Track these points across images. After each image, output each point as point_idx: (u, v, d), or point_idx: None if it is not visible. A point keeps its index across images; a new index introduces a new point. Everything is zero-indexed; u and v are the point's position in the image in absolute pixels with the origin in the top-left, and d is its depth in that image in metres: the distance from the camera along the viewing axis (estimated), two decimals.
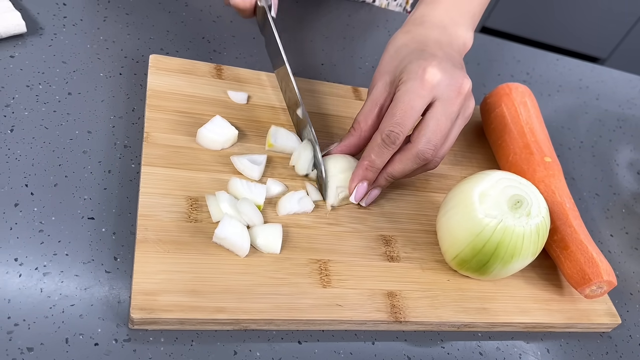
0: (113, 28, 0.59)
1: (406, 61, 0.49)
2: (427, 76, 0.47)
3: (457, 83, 0.48)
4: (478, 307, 0.48)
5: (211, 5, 0.66)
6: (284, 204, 0.48)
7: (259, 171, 0.49)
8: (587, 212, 0.64)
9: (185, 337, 0.41)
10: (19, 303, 0.39)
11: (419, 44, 0.51)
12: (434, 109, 0.48)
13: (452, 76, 0.48)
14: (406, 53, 0.50)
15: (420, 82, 0.47)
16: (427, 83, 0.47)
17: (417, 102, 0.47)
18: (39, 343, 0.38)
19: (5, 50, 0.53)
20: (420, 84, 0.47)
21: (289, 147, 0.52)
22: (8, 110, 0.49)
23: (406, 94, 0.47)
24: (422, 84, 0.47)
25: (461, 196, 0.48)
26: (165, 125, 0.50)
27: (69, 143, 0.48)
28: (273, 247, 0.45)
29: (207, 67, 0.57)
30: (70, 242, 0.43)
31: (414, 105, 0.47)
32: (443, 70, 0.48)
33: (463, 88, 0.49)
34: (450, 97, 0.48)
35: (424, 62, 0.48)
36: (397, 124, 0.47)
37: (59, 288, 0.41)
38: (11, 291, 0.39)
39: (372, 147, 0.49)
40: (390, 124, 0.47)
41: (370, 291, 0.46)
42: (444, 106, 0.48)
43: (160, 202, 0.45)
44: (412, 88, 0.47)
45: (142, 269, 0.41)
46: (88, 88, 0.53)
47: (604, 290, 0.50)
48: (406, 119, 0.47)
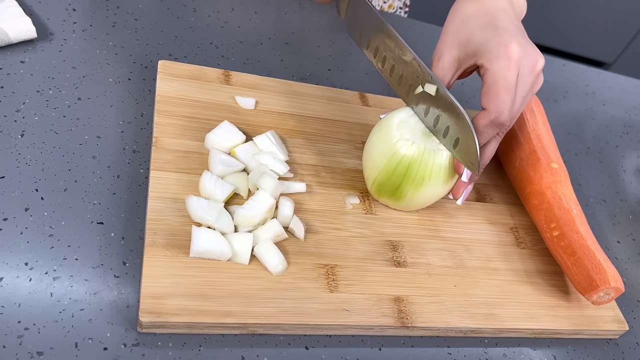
0: (122, 34, 0.59)
1: (480, 38, 0.48)
2: (510, 53, 0.47)
3: (533, 59, 0.48)
4: (485, 312, 0.49)
5: (219, 11, 0.66)
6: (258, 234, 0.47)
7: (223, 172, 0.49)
8: (593, 219, 0.64)
9: (193, 342, 0.41)
10: (29, 307, 0.39)
11: (488, 15, 0.50)
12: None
13: (527, 52, 0.48)
14: (476, 26, 0.49)
15: (507, 59, 0.47)
16: (513, 60, 0.47)
17: (511, 77, 0.47)
18: (48, 347, 0.38)
19: (16, 55, 0.53)
20: (508, 62, 0.47)
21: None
22: (19, 115, 0.49)
23: (499, 72, 0.47)
24: (509, 61, 0.47)
25: (382, 124, 0.50)
26: (174, 130, 0.51)
27: (78, 148, 0.49)
28: (244, 257, 0.44)
29: (215, 73, 0.57)
30: (80, 246, 0.43)
31: (511, 81, 0.47)
32: (520, 45, 0.47)
33: (537, 65, 0.48)
34: (525, 73, 0.48)
35: (503, 40, 0.47)
36: (504, 103, 0.46)
37: (68, 292, 0.41)
38: (21, 295, 0.40)
39: (482, 133, 0.48)
40: (498, 106, 0.46)
41: (377, 296, 0.46)
42: (523, 81, 0.48)
43: (169, 207, 0.45)
44: (503, 66, 0.47)
45: (151, 273, 0.41)
46: (97, 93, 0.53)
47: (611, 297, 0.50)
48: (509, 96, 0.46)
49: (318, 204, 0.51)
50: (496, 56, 0.47)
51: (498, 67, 0.47)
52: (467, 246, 0.53)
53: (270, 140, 0.52)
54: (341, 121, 0.59)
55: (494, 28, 0.48)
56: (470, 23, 0.49)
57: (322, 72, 0.65)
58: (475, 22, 0.49)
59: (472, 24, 0.49)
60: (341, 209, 0.51)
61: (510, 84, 0.47)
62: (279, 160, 0.50)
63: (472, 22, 0.49)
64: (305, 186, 0.51)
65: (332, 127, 0.58)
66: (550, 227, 0.53)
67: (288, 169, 0.51)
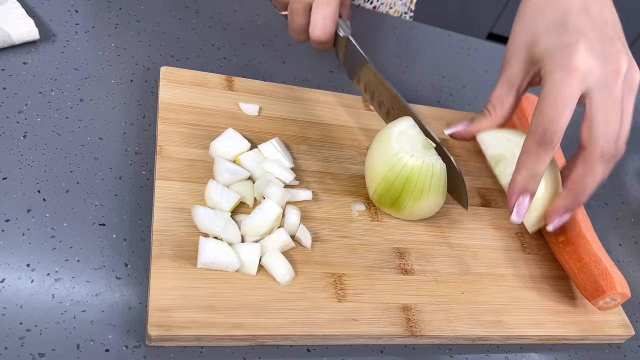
0: (124, 35, 0.59)
1: (545, 39, 0.43)
2: (575, 63, 0.41)
3: (613, 64, 0.42)
4: (492, 319, 0.48)
5: (221, 12, 0.66)
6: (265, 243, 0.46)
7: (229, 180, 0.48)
8: (595, 222, 0.64)
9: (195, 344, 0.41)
10: (30, 309, 0.39)
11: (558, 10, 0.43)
12: (594, 100, 0.42)
13: (604, 57, 0.42)
14: (544, 24, 0.43)
15: (568, 72, 0.41)
16: (577, 72, 0.41)
17: (569, 93, 0.41)
18: (50, 349, 0.38)
19: (19, 56, 0.53)
20: (569, 75, 0.41)
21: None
22: (21, 117, 0.49)
23: (554, 86, 0.42)
24: (571, 74, 0.41)
25: (383, 135, 0.51)
26: (178, 139, 0.50)
27: (80, 149, 0.48)
28: (252, 267, 0.44)
29: (218, 79, 0.57)
30: (82, 248, 0.43)
31: (565, 98, 0.41)
32: (592, 51, 0.41)
33: (620, 68, 0.42)
34: (609, 83, 0.42)
35: (568, 44, 0.41)
36: (551, 121, 0.42)
37: (70, 294, 0.41)
38: (23, 297, 0.40)
39: (528, 153, 0.44)
40: (543, 123, 0.42)
41: (386, 305, 0.46)
42: (604, 94, 0.42)
43: (175, 217, 0.45)
44: (560, 80, 0.41)
45: (158, 285, 0.41)
46: (99, 95, 0.53)
47: (617, 302, 0.50)
48: (559, 113, 0.41)
49: (324, 211, 0.50)
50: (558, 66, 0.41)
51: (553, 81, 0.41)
52: (473, 252, 0.53)
53: (276, 148, 0.51)
54: (345, 126, 0.58)
55: (562, 27, 0.43)
56: (539, 19, 0.44)
57: (324, 75, 0.65)
58: (543, 18, 0.44)
59: (540, 20, 0.44)
60: (347, 216, 0.51)
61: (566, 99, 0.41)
62: (284, 168, 0.50)
63: (540, 19, 0.44)
64: (311, 194, 0.50)
65: (336, 132, 0.57)
66: (555, 232, 0.53)
67: (294, 176, 0.50)
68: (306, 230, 0.47)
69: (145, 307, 0.41)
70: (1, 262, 0.41)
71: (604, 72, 0.42)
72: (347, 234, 0.49)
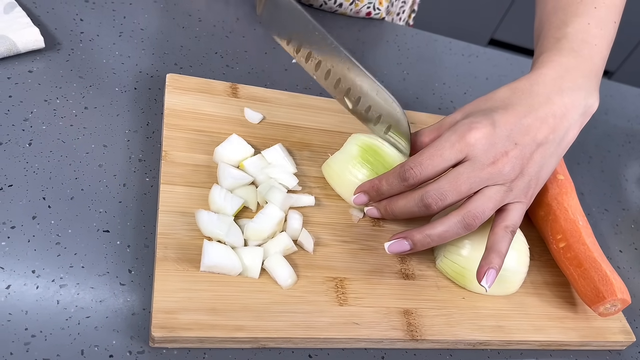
0: (128, 43, 0.60)
1: (473, 112, 0.48)
2: (469, 132, 0.45)
3: (498, 152, 0.45)
4: (493, 325, 0.49)
5: (224, 20, 0.67)
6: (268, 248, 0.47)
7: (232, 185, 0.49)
8: (596, 228, 0.64)
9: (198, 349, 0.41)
10: (35, 315, 0.40)
11: (503, 101, 0.48)
12: (461, 165, 0.46)
13: (494, 144, 0.45)
14: (486, 105, 0.48)
15: (459, 135, 0.45)
16: (465, 139, 0.45)
17: (447, 153, 0.45)
18: (55, 354, 0.38)
19: (24, 65, 0.53)
20: (458, 138, 0.45)
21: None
22: (26, 124, 0.49)
23: (441, 141, 0.46)
24: (460, 138, 0.45)
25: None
26: (183, 144, 0.51)
27: (85, 157, 0.49)
28: (254, 271, 0.44)
29: (222, 86, 0.57)
30: (86, 254, 0.43)
31: (443, 154, 0.45)
32: (489, 134, 0.45)
33: (500, 160, 0.45)
34: (483, 162, 0.45)
35: (476, 119, 0.46)
36: (419, 164, 0.46)
37: (74, 300, 0.41)
38: (28, 303, 0.40)
39: (390, 173, 0.48)
40: (414, 162, 0.46)
41: (386, 309, 0.46)
42: (471, 167, 0.45)
43: (179, 220, 0.45)
44: (449, 138, 0.46)
45: (162, 287, 0.41)
46: (104, 102, 0.54)
47: (618, 308, 0.50)
48: (429, 163, 0.45)
49: (326, 216, 0.51)
50: (457, 129, 0.46)
51: (445, 136, 0.46)
52: None
53: (279, 154, 0.52)
54: (347, 132, 0.59)
55: (489, 110, 0.47)
56: (488, 101, 0.48)
57: None
58: (490, 103, 0.48)
59: (487, 102, 0.48)
60: (349, 221, 0.51)
61: (442, 157, 0.45)
62: (287, 174, 0.51)
63: (488, 102, 0.48)
64: (313, 199, 0.51)
65: (338, 138, 0.58)
66: (556, 239, 0.53)
67: (297, 182, 0.51)
68: (308, 235, 0.48)
69: (149, 313, 0.42)
70: (7, 268, 0.41)
71: (484, 153, 0.45)
72: (349, 239, 0.50)
